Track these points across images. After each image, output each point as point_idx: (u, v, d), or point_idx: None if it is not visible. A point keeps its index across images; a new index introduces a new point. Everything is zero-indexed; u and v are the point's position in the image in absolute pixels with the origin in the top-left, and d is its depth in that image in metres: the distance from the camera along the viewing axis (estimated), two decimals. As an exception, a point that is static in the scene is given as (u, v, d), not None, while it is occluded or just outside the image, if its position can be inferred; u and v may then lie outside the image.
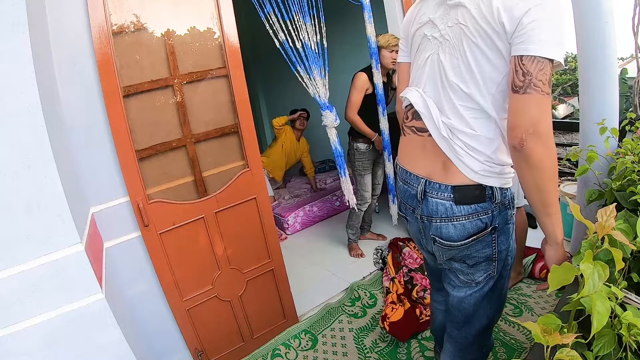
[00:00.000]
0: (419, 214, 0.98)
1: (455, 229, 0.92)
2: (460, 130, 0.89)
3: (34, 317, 1.05)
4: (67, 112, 1.36)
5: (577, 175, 1.43)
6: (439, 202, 0.92)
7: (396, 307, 1.99)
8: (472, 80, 0.86)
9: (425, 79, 0.95)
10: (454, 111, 0.89)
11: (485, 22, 0.80)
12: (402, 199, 1.05)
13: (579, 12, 1.73)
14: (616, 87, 1.75)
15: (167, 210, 1.59)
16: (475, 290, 1.01)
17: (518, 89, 0.77)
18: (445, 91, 0.90)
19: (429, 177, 0.95)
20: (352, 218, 2.78)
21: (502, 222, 0.93)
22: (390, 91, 2.64)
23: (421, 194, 0.95)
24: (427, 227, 0.97)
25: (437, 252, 1.01)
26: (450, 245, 0.95)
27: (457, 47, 0.87)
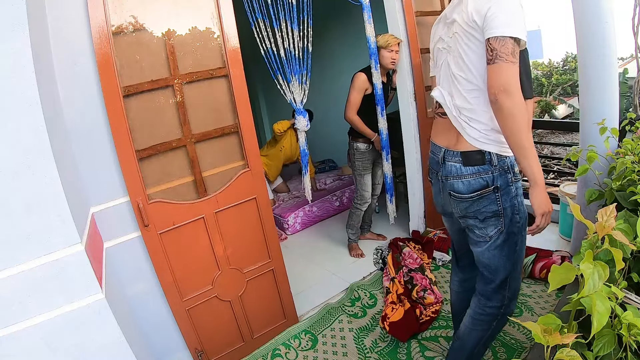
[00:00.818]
0: (440, 175, 1.29)
1: (463, 184, 1.21)
2: (463, 107, 1.19)
3: (34, 317, 1.05)
4: (67, 112, 1.36)
5: (577, 175, 1.43)
6: (452, 165, 1.23)
7: (396, 307, 1.99)
8: (467, 67, 1.16)
9: (442, 79, 1.28)
10: (458, 94, 1.20)
11: (466, 25, 1.12)
12: (430, 166, 1.38)
13: (579, 12, 1.73)
14: (616, 87, 1.75)
15: (167, 210, 1.59)
16: (490, 244, 1.24)
17: (489, 61, 1.07)
18: (453, 82, 1.22)
19: (447, 146, 1.26)
20: (352, 218, 2.78)
21: (503, 183, 1.18)
22: (390, 91, 2.64)
23: (442, 159, 1.27)
24: (445, 184, 1.28)
25: (453, 207, 1.28)
26: (461, 198, 1.23)
27: (456, 49, 1.18)
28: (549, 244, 2.46)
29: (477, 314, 1.35)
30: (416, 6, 2.43)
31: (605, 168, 1.56)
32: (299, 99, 2.21)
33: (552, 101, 12.04)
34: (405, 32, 2.44)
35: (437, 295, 2.08)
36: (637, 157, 1.39)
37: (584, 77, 1.81)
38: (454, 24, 1.18)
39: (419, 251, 2.58)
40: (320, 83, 4.50)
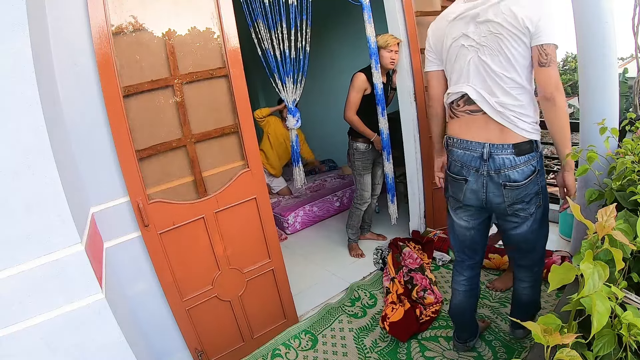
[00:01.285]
0: (484, 171, 1.33)
1: (519, 173, 1.30)
2: (511, 104, 1.27)
3: (34, 317, 1.05)
4: (67, 112, 1.36)
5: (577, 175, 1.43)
6: (504, 157, 1.30)
7: (396, 307, 1.99)
8: (512, 68, 1.25)
9: (472, 76, 1.32)
10: (503, 92, 1.27)
11: (514, 28, 1.21)
12: (462, 163, 1.38)
13: (579, 12, 1.73)
14: (616, 87, 1.75)
15: (167, 210, 1.59)
16: (532, 221, 1.38)
17: (543, 64, 1.21)
18: (492, 80, 1.28)
19: (489, 141, 1.31)
20: (352, 218, 2.78)
21: (541, 165, 1.34)
22: (390, 91, 2.64)
23: (487, 154, 1.31)
24: (494, 178, 1.33)
25: (506, 197, 1.34)
26: (516, 186, 1.32)
27: (496, 49, 1.25)
28: (549, 244, 2.45)
29: (534, 280, 1.54)
30: (416, 6, 2.43)
31: (605, 168, 1.56)
32: (291, 98, 2.23)
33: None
34: (405, 32, 2.44)
35: (437, 295, 2.08)
36: (637, 157, 1.39)
37: (584, 77, 1.81)
38: (491, 24, 1.24)
39: (419, 251, 2.58)
40: (320, 83, 4.50)
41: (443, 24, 1.37)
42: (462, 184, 1.40)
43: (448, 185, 1.51)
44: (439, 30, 1.39)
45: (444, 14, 1.39)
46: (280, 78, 2.16)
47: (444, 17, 1.38)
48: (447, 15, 1.37)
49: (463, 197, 1.42)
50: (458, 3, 1.36)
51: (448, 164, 1.46)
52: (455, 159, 1.40)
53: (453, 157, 1.41)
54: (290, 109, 2.29)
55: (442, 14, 1.41)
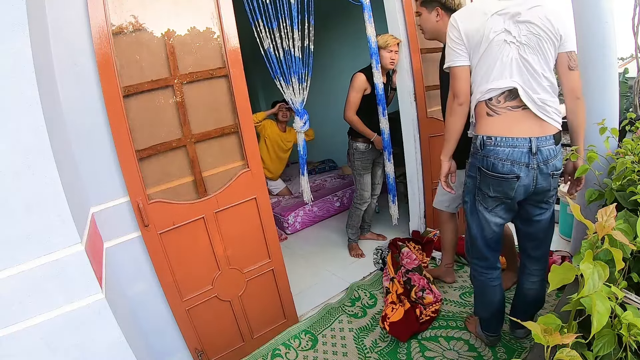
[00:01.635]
0: (534, 164, 1.36)
1: (559, 161, 1.41)
2: (550, 100, 1.36)
3: (34, 317, 1.05)
4: (67, 112, 1.36)
5: (578, 175, 1.43)
6: (550, 148, 1.37)
7: (396, 307, 1.99)
8: (548, 67, 1.36)
9: (514, 72, 1.35)
10: (542, 89, 1.35)
11: (552, 34, 1.33)
12: (512, 161, 1.37)
13: (579, 12, 1.73)
14: (616, 87, 1.75)
15: (167, 210, 1.59)
16: (552, 207, 1.51)
17: (572, 68, 1.38)
18: (533, 78, 1.34)
19: (532, 135, 1.35)
20: (352, 218, 2.78)
21: None
22: (390, 91, 2.64)
23: (535, 148, 1.35)
24: (544, 169, 1.38)
25: (552, 184, 1.42)
26: (559, 173, 1.42)
27: (536, 49, 1.33)
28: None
29: (543, 274, 1.58)
30: (416, 6, 2.43)
31: (605, 168, 1.56)
32: (298, 99, 2.21)
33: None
34: (405, 32, 2.44)
35: (436, 294, 2.08)
36: (637, 157, 1.40)
37: (584, 77, 1.80)
38: (531, 25, 1.31)
39: (419, 251, 2.58)
40: (320, 83, 4.50)
41: (481, 18, 1.34)
42: (513, 182, 1.38)
43: (484, 187, 1.45)
44: (476, 23, 1.35)
45: (478, 7, 1.37)
46: (285, 79, 2.13)
47: (480, 11, 1.36)
48: (482, 9, 1.36)
49: (514, 194, 1.41)
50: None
51: (487, 164, 1.39)
52: (501, 158, 1.36)
53: (498, 157, 1.37)
54: (297, 111, 2.26)
55: (474, 7, 1.39)
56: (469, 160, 1.50)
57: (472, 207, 1.53)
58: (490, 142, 1.37)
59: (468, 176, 1.51)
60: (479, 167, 1.42)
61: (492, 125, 1.38)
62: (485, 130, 1.39)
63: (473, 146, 1.45)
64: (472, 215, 1.54)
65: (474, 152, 1.44)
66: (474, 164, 1.45)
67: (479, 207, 1.50)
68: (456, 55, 1.41)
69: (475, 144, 1.42)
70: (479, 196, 1.49)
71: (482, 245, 1.55)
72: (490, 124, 1.38)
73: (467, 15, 1.39)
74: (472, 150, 1.45)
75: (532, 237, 1.55)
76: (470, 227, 1.57)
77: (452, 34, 1.40)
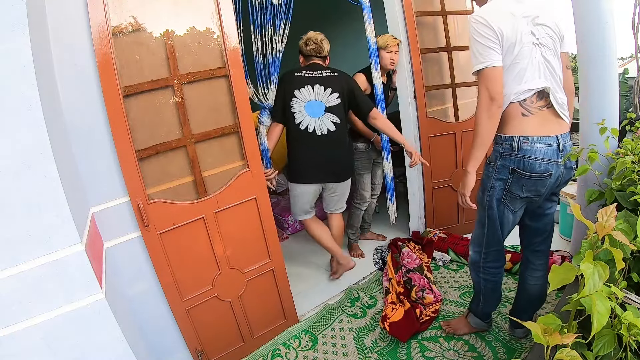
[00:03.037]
0: (561, 160, 1.40)
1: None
2: (565, 99, 1.43)
3: (34, 317, 1.05)
4: (67, 112, 1.36)
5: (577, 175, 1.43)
6: (569, 144, 1.43)
7: (396, 307, 1.99)
8: (560, 68, 1.42)
9: (542, 73, 1.39)
10: (560, 89, 1.43)
11: (558, 36, 1.41)
12: (547, 160, 1.39)
13: (579, 12, 1.73)
14: (616, 87, 1.75)
15: (167, 210, 1.59)
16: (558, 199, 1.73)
17: (569, 67, 1.50)
18: (555, 79, 1.41)
19: (558, 133, 1.40)
20: (352, 218, 2.78)
21: None
22: (390, 91, 2.64)
23: (562, 145, 1.40)
24: (567, 164, 1.43)
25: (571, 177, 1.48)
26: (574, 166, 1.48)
27: (553, 51, 1.40)
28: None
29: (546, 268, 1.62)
30: (416, 6, 2.43)
31: (605, 168, 1.56)
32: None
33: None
34: (405, 32, 2.44)
35: (436, 294, 2.08)
36: (637, 157, 1.39)
37: (584, 77, 1.81)
38: (547, 28, 1.38)
39: (419, 251, 2.58)
40: (320, 83, 4.49)
41: (511, 19, 1.35)
42: (547, 180, 1.41)
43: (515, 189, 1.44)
44: (509, 24, 1.34)
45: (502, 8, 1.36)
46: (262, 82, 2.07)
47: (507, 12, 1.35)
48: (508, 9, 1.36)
49: (545, 191, 1.44)
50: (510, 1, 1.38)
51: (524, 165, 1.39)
52: (538, 158, 1.38)
53: (535, 157, 1.38)
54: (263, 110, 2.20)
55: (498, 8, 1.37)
56: (495, 163, 1.45)
57: (497, 211, 1.50)
58: (527, 143, 1.38)
59: (495, 179, 1.46)
60: (513, 168, 1.41)
61: (527, 126, 1.38)
62: (521, 131, 1.38)
63: (503, 148, 1.42)
64: (494, 219, 1.51)
65: (505, 153, 1.41)
66: (505, 165, 1.42)
67: (505, 210, 1.48)
68: (493, 54, 1.35)
69: (509, 145, 1.40)
70: (506, 199, 1.47)
71: (501, 247, 1.59)
72: (525, 125, 1.39)
73: (498, 16, 1.35)
74: (503, 152, 1.42)
75: (540, 232, 1.59)
76: (490, 232, 1.55)
77: (486, 33, 1.34)
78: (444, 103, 2.69)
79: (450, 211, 2.80)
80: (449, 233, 2.69)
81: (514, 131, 1.39)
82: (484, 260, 1.63)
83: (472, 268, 1.72)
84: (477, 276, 1.69)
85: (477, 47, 1.36)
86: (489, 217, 1.52)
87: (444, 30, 2.52)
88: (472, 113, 2.61)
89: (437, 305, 2.02)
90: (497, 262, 1.63)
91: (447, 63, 2.57)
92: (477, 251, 1.64)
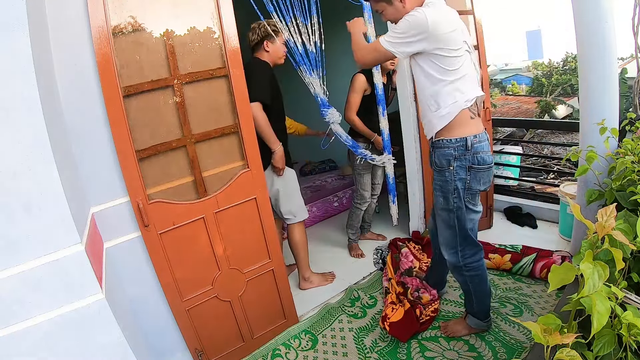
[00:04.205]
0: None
1: None
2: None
3: (34, 317, 1.05)
4: (67, 112, 1.36)
5: (577, 175, 1.44)
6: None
7: (396, 307, 1.99)
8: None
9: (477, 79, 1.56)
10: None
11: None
12: (488, 152, 1.57)
13: (579, 12, 1.73)
14: (616, 87, 1.75)
15: (167, 210, 1.59)
16: None
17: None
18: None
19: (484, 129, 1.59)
20: (352, 218, 2.78)
21: None
22: (390, 92, 2.64)
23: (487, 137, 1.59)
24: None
25: None
26: None
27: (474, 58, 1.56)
28: (549, 244, 2.46)
29: None
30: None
31: (605, 168, 1.56)
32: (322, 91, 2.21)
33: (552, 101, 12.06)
34: (405, 32, 2.44)
35: (431, 292, 2.08)
36: (637, 157, 1.40)
37: (584, 77, 1.81)
38: (468, 38, 1.53)
39: (419, 251, 2.58)
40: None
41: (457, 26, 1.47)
42: (493, 168, 1.63)
43: (475, 184, 1.57)
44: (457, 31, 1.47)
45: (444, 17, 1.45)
46: (309, 72, 2.13)
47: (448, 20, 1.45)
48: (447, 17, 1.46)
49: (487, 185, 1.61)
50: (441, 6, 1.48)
51: (479, 160, 1.54)
52: (486, 151, 1.56)
53: (484, 150, 1.55)
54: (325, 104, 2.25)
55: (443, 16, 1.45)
56: (451, 166, 1.56)
57: (464, 209, 1.60)
58: (477, 140, 1.53)
59: (456, 180, 1.56)
60: (470, 165, 1.54)
61: (473, 126, 1.54)
62: (470, 132, 1.53)
63: (457, 150, 1.53)
64: (463, 218, 1.62)
65: (460, 155, 1.53)
66: (461, 165, 1.54)
67: (469, 205, 1.60)
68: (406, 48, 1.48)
69: (462, 146, 1.52)
70: (467, 196, 1.58)
71: (475, 241, 1.68)
72: (472, 126, 1.54)
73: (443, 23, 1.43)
74: (457, 153, 1.53)
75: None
76: (461, 232, 1.64)
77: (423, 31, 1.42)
78: (444, 103, 2.69)
79: (450, 211, 2.80)
80: (449, 233, 2.69)
81: (466, 132, 1.52)
82: (463, 258, 1.68)
83: (454, 271, 1.76)
84: (461, 277, 1.73)
85: (406, 32, 1.45)
86: (458, 218, 1.61)
87: (444, 30, 2.52)
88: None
89: (436, 304, 2.02)
90: (475, 256, 1.69)
91: (447, 63, 2.57)
92: (453, 252, 1.69)
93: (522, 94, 18.11)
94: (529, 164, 6.83)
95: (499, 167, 3.54)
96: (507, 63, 27.56)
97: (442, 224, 1.69)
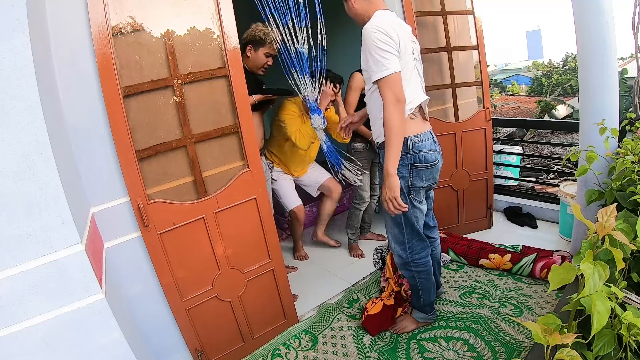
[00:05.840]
0: (439, 149, 1.70)
1: None
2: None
3: (34, 317, 1.05)
4: (67, 113, 1.36)
5: (577, 175, 1.44)
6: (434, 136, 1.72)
7: (376, 301, 2.01)
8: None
9: (420, 84, 1.65)
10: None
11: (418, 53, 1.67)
12: (433, 150, 1.64)
13: (579, 12, 1.73)
14: (616, 87, 1.75)
15: (167, 210, 1.59)
16: None
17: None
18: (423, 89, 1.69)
19: (429, 128, 1.68)
20: (352, 218, 2.78)
21: None
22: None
23: (434, 136, 1.69)
24: (439, 150, 1.71)
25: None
26: None
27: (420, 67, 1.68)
28: (549, 244, 2.47)
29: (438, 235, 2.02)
30: (416, 6, 2.43)
31: (605, 168, 1.56)
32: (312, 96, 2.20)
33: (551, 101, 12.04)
34: (405, 32, 2.44)
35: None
36: (637, 157, 1.40)
37: (584, 77, 1.81)
38: (416, 45, 1.63)
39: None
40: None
41: (400, 33, 1.51)
42: (438, 166, 1.68)
43: (417, 182, 1.64)
44: (401, 37, 1.50)
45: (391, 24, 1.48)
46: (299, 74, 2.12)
47: (396, 27, 1.50)
48: (393, 24, 1.50)
49: (437, 175, 1.69)
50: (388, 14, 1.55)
51: (420, 159, 1.61)
52: (428, 150, 1.63)
53: (426, 149, 1.62)
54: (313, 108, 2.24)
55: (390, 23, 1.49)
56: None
57: (410, 206, 1.66)
58: (417, 140, 1.61)
59: (400, 178, 1.58)
60: (412, 164, 1.61)
61: (414, 127, 1.61)
62: (411, 132, 1.59)
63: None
64: (409, 215, 1.67)
65: (402, 154, 1.56)
66: (403, 164, 1.60)
67: (414, 202, 1.67)
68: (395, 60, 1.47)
69: (403, 146, 1.56)
70: (411, 193, 1.65)
71: (422, 237, 1.75)
72: (412, 126, 1.61)
73: (391, 30, 1.46)
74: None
75: (427, 211, 1.83)
76: (408, 228, 1.71)
77: (387, 41, 1.44)
78: (444, 103, 2.69)
79: (450, 211, 2.80)
80: (449, 233, 2.70)
81: (406, 133, 1.57)
82: (410, 254, 1.75)
83: (402, 267, 1.82)
84: (409, 272, 1.81)
85: (380, 54, 1.45)
86: (405, 214, 1.66)
87: (444, 30, 2.52)
88: (473, 113, 2.62)
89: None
90: (422, 252, 1.76)
91: (447, 63, 2.57)
92: (402, 249, 1.76)
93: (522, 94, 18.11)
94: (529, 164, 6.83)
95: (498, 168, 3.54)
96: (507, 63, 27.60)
97: (390, 221, 1.73)
